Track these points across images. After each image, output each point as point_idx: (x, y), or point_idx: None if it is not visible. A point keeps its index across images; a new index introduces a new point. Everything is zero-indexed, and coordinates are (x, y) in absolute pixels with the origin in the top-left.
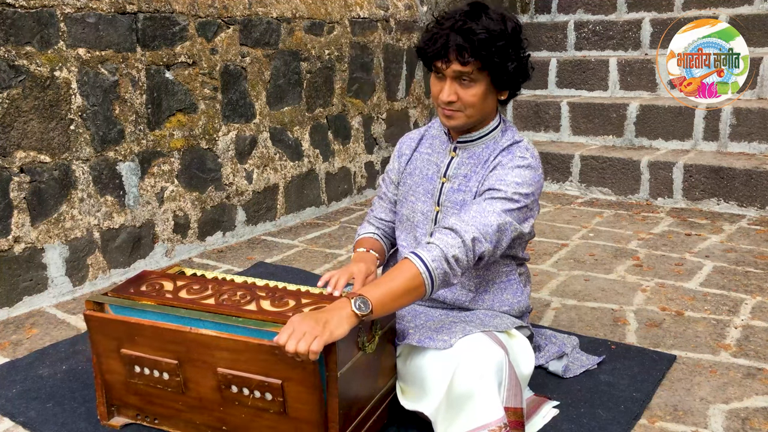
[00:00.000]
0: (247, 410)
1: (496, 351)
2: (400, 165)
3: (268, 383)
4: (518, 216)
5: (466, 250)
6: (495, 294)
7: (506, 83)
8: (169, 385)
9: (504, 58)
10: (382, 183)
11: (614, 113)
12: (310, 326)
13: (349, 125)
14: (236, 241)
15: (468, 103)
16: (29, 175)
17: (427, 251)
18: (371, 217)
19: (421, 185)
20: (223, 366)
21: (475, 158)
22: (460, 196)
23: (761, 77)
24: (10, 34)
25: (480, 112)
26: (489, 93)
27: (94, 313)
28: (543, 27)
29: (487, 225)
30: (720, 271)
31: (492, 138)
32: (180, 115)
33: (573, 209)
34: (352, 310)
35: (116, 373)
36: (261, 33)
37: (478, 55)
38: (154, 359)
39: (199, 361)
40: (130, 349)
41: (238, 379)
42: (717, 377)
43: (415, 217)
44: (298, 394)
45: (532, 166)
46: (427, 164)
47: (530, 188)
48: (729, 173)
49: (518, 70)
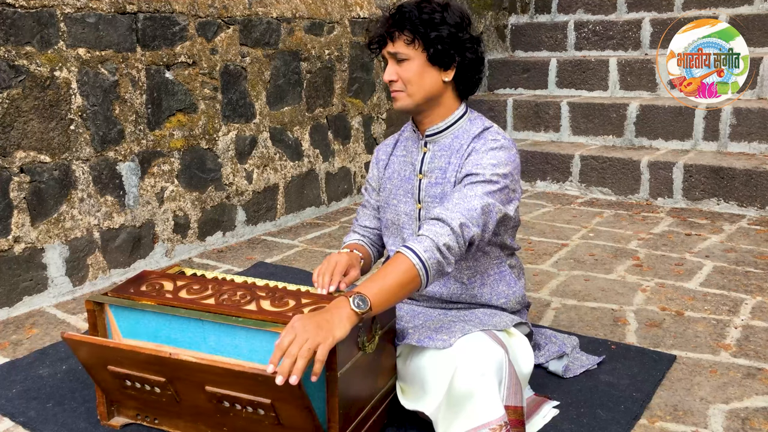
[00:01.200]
0: (244, 419)
1: (496, 350)
2: (379, 171)
3: (259, 401)
4: (500, 197)
5: (455, 236)
6: (492, 287)
7: (439, 56)
8: (162, 396)
9: (431, 28)
10: (364, 192)
11: (614, 113)
12: (313, 332)
13: (349, 125)
14: (236, 241)
15: (406, 80)
16: (29, 175)
17: (418, 243)
18: (356, 226)
19: (401, 187)
20: (211, 386)
21: (447, 149)
22: (438, 189)
23: (761, 77)
24: (10, 34)
25: (421, 89)
26: (426, 69)
27: (72, 335)
28: (543, 27)
29: (471, 209)
30: (720, 271)
31: (460, 128)
32: (180, 115)
33: (573, 209)
34: (352, 309)
35: (109, 383)
36: (261, 33)
37: (403, 27)
38: (142, 376)
39: (186, 379)
40: (117, 366)
41: (228, 397)
42: (717, 377)
43: (399, 219)
44: (289, 411)
45: (505, 147)
46: (404, 165)
47: (507, 168)
48: (729, 173)
49: (454, 44)
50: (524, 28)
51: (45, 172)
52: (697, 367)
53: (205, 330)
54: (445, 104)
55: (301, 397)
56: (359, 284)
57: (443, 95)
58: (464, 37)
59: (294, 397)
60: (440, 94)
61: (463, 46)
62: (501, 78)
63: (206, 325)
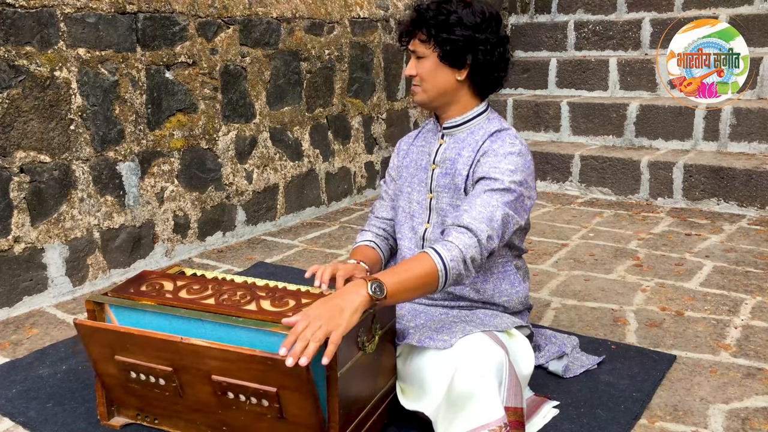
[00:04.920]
0: (246, 413)
1: (497, 351)
2: (399, 160)
3: (264, 390)
4: (515, 207)
5: (481, 249)
6: (495, 283)
7: (451, 56)
8: (166, 390)
9: (443, 29)
10: (383, 183)
11: (614, 113)
12: (326, 319)
13: (349, 125)
14: (236, 241)
15: (422, 76)
16: (29, 175)
17: (447, 250)
18: (372, 218)
19: (416, 176)
20: (217, 374)
21: (460, 142)
22: (447, 179)
23: (761, 77)
24: (10, 34)
25: (434, 86)
26: (439, 67)
27: (85, 321)
28: (543, 27)
29: (494, 220)
30: (720, 271)
31: (476, 124)
32: (180, 115)
33: (573, 209)
34: (368, 293)
35: (113, 377)
36: (261, 33)
37: (419, 26)
38: (149, 366)
39: (193, 368)
40: (124, 356)
41: (233, 386)
42: (717, 377)
43: (411, 207)
44: (294, 401)
45: (522, 153)
46: (421, 155)
47: (522, 175)
48: (729, 173)
49: (467, 45)
50: (524, 28)
51: (45, 172)
52: (697, 367)
53: (205, 330)
54: (461, 101)
55: (308, 382)
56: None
57: (458, 93)
58: (481, 38)
59: (300, 382)
60: (455, 92)
61: (477, 47)
62: None
63: (206, 324)
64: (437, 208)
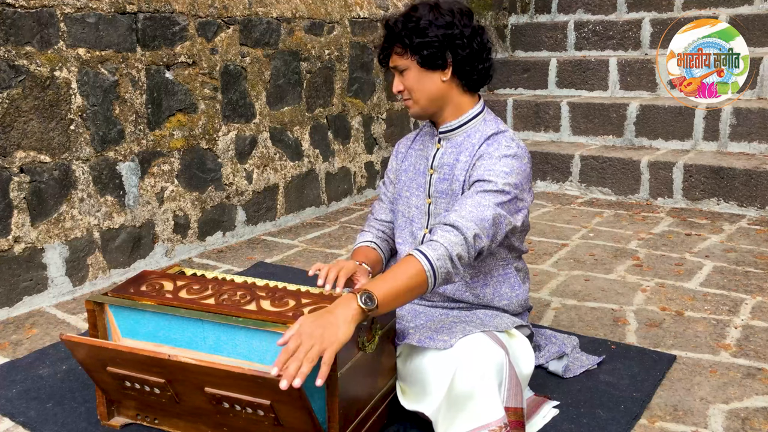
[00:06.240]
0: (243, 419)
1: (497, 351)
2: (398, 163)
3: (258, 402)
4: (509, 208)
5: (468, 247)
6: (495, 288)
7: (430, 60)
8: (162, 397)
9: (416, 35)
10: (382, 185)
11: (614, 113)
12: (319, 337)
13: (349, 125)
14: (236, 241)
15: (409, 88)
16: (29, 175)
17: (432, 249)
18: (371, 220)
19: (415, 180)
20: (210, 387)
21: (458, 147)
22: (445, 185)
23: (761, 77)
24: (10, 34)
25: (423, 94)
26: (423, 74)
27: (71, 337)
28: (543, 27)
29: (484, 219)
30: (720, 271)
31: (473, 127)
32: (180, 115)
33: (573, 209)
34: (359, 305)
35: (108, 384)
36: (261, 33)
37: (393, 42)
38: (142, 377)
39: (186, 381)
40: (116, 368)
41: (227, 398)
42: (717, 377)
43: (410, 212)
44: (289, 412)
45: (519, 155)
46: (419, 159)
47: (517, 178)
48: (729, 173)
49: (444, 44)
50: (524, 28)
51: (45, 172)
52: (697, 367)
53: (205, 330)
54: (454, 102)
55: (300, 399)
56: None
57: (449, 94)
58: (455, 33)
59: (293, 398)
60: (445, 94)
61: (454, 42)
62: (501, 78)
63: (206, 325)
64: (436, 213)
